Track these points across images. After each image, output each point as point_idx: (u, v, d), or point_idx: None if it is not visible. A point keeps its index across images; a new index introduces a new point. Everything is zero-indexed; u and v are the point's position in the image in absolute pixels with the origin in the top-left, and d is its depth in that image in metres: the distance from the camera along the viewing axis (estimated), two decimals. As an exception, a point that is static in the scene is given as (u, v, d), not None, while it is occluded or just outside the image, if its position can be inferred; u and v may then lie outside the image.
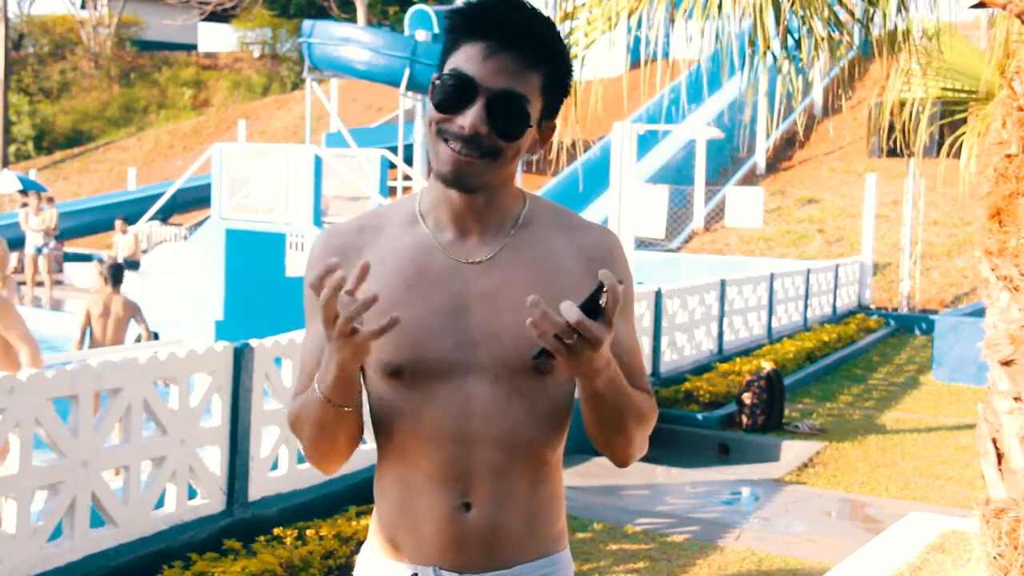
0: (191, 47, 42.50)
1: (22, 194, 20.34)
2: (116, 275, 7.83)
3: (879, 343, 12.93)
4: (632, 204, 9.98)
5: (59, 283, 18.36)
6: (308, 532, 4.70)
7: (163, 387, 4.63)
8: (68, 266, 19.35)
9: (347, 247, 1.69)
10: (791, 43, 4.80)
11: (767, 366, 8.39)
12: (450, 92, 1.58)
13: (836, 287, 13.80)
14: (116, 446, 4.33)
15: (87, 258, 20.34)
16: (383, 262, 1.66)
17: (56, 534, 4.05)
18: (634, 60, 10.29)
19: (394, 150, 20.55)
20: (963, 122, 5.68)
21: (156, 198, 18.70)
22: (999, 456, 3.37)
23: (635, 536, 5.52)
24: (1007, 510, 3.32)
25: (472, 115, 1.56)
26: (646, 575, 4.98)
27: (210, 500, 4.66)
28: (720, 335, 9.98)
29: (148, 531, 4.36)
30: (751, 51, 4.72)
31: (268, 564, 4.29)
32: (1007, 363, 3.36)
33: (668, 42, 5.38)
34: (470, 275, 1.65)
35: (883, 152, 7.00)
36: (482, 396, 1.63)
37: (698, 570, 5.06)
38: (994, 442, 3.38)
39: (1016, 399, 3.33)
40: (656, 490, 6.57)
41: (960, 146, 5.59)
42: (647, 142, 19.75)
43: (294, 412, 1.67)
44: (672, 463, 7.10)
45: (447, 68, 1.60)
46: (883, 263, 16.42)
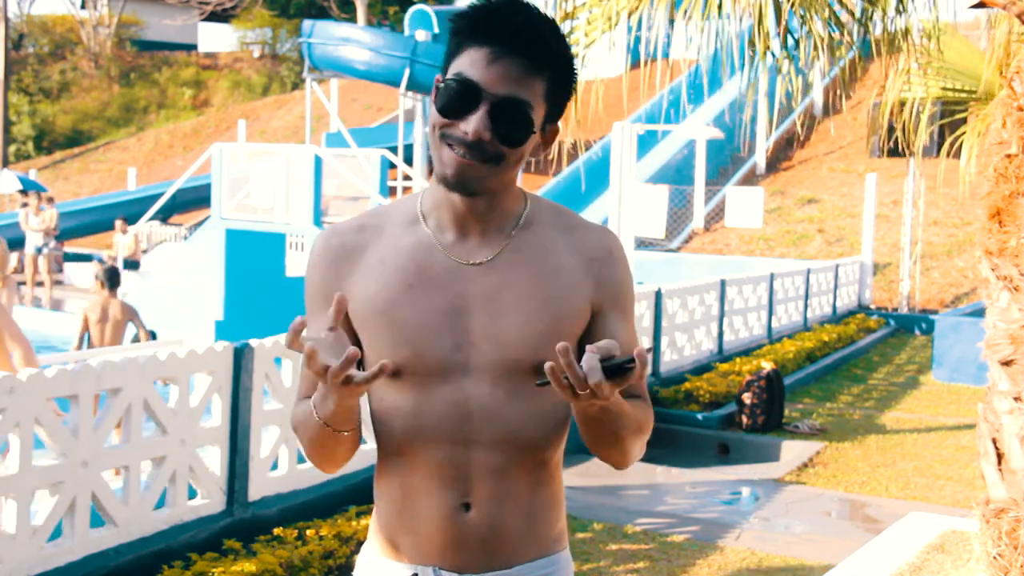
0: (191, 47, 42.50)
1: (22, 194, 20.33)
2: (112, 279, 7.83)
3: (879, 343, 12.93)
4: (632, 204, 9.99)
5: (59, 283, 18.36)
6: (308, 532, 4.70)
7: (163, 387, 4.63)
8: (68, 266, 19.36)
9: (347, 246, 1.69)
10: (791, 43, 4.80)
11: (767, 366, 8.39)
12: (453, 97, 1.57)
13: (836, 287, 13.80)
14: (116, 446, 4.33)
15: (87, 258, 20.35)
16: (384, 262, 1.66)
17: (56, 534, 4.05)
18: (634, 60, 10.28)
19: (394, 150, 20.55)
20: (963, 122, 5.67)
21: (156, 198, 18.69)
22: (999, 456, 3.37)
23: (635, 536, 5.52)
24: (1007, 510, 3.32)
25: (475, 121, 1.56)
26: (646, 575, 4.98)
27: (210, 500, 4.66)
28: (720, 335, 9.98)
29: (148, 531, 4.36)
30: (751, 51, 4.72)
31: (268, 564, 4.29)
32: (1007, 363, 3.36)
33: (668, 42, 5.37)
34: (470, 276, 1.64)
35: (883, 152, 6.98)
36: (482, 397, 1.63)
37: (698, 570, 5.06)
38: (994, 442, 3.38)
39: (1016, 399, 3.33)
40: (656, 490, 6.57)
41: (960, 146, 5.59)
42: (647, 142, 19.75)
43: (295, 419, 1.67)
44: (672, 463, 7.10)
45: (451, 72, 1.59)
46: (883, 263, 16.42)
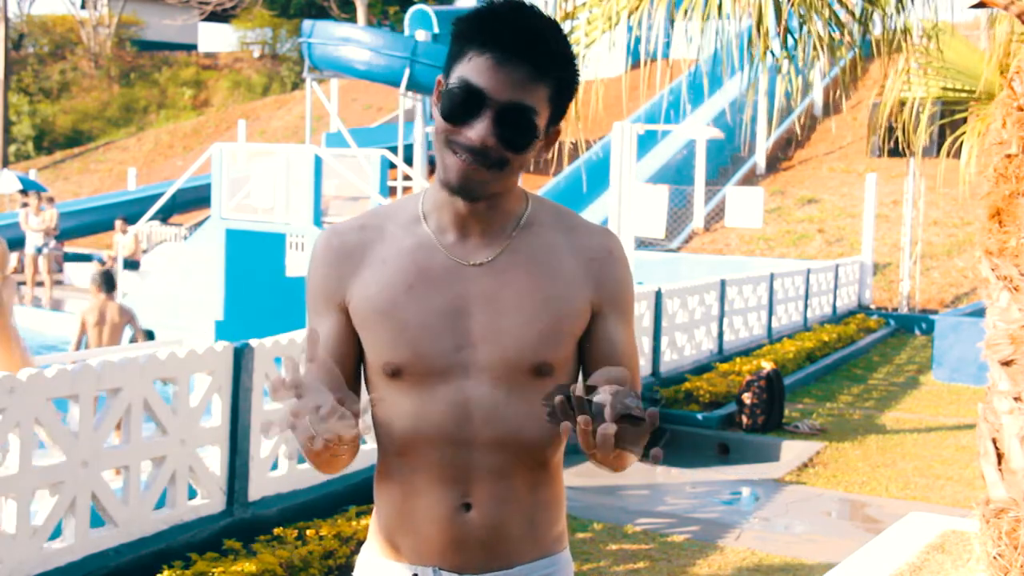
0: (191, 47, 42.49)
1: (22, 194, 20.32)
2: (108, 282, 7.84)
3: (879, 343, 12.92)
4: (632, 204, 9.99)
5: (59, 283, 18.36)
6: (308, 532, 4.70)
7: (162, 386, 4.63)
8: (68, 266, 19.36)
9: (349, 246, 1.69)
10: (791, 43, 4.80)
11: (767, 366, 8.39)
12: (458, 103, 1.56)
13: (836, 287, 13.79)
14: (116, 446, 4.33)
15: (87, 258, 20.35)
16: (385, 262, 1.66)
17: (56, 534, 4.05)
18: (634, 60, 10.28)
19: (394, 150, 20.54)
20: (963, 122, 5.67)
21: (156, 198, 18.68)
22: (999, 456, 3.37)
23: (635, 536, 5.52)
24: (1007, 510, 3.32)
25: (480, 127, 1.55)
26: (646, 575, 4.98)
27: (210, 500, 4.66)
28: (720, 335, 9.97)
29: (148, 531, 4.36)
30: (751, 51, 4.72)
31: (268, 564, 4.29)
32: (1007, 363, 3.36)
33: (668, 42, 5.38)
34: (471, 277, 1.64)
35: (883, 152, 6.98)
36: (482, 397, 1.63)
37: (698, 570, 5.06)
38: (994, 442, 3.38)
39: (1016, 399, 3.33)
40: (656, 490, 6.57)
41: (960, 146, 5.59)
42: (647, 142, 19.74)
43: None
44: (672, 463, 7.10)
45: (454, 77, 1.58)
46: (883, 263, 16.42)
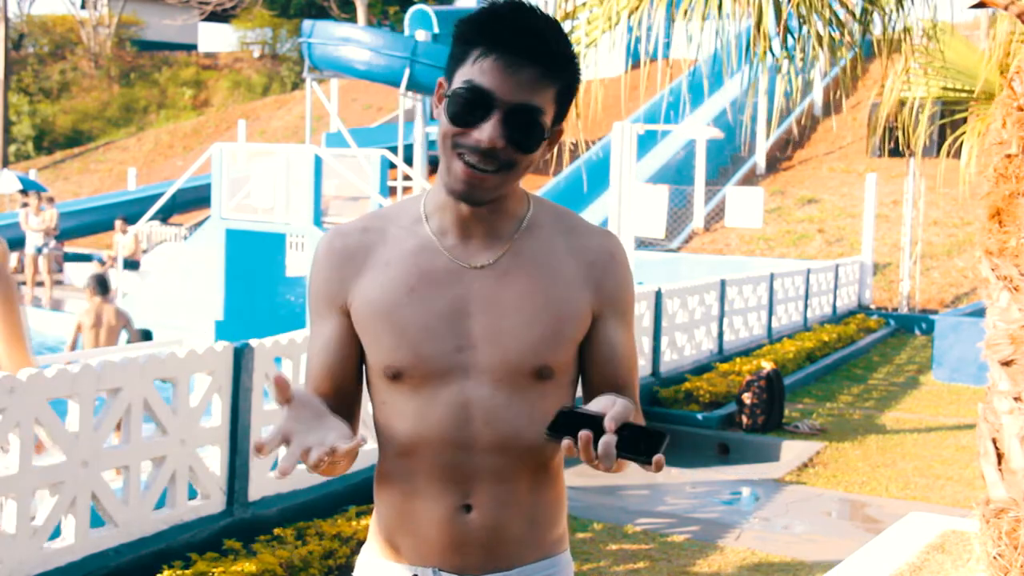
0: (191, 47, 42.49)
1: (22, 194, 20.31)
2: (102, 285, 7.86)
3: (879, 343, 12.93)
4: (632, 204, 9.99)
5: (59, 283, 18.36)
6: (308, 532, 4.70)
7: (162, 384, 4.63)
8: (68, 266, 19.35)
9: (351, 248, 1.69)
10: (791, 43, 4.80)
11: (767, 366, 8.39)
12: (465, 105, 1.56)
13: (836, 287, 13.79)
14: (116, 446, 4.33)
15: (87, 258, 20.34)
16: (388, 264, 1.66)
17: (56, 534, 4.05)
18: (634, 60, 10.28)
19: (394, 150, 20.55)
20: (963, 122, 5.67)
21: (156, 198, 18.69)
22: (999, 456, 3.37)
23: (635, 536, 5.52)
24: (1007, 510, 3.32)
25: (489, 129, 1.55)
26: (646, 575, 4.98)
27: (210, 500, 4.66)
28: (720, 335, 9.97)
29: (148, 531, 4.36)
30: (751, 51, 4.72)
31: (268, 564, 4.29)
32: (1007, 363, 3.36)
33: (668, 42, 5.37)
34: (472, 279, 1.64)
35: (883, 152, 6.98)
36: (483, 399, 1.63)
37: (698, 570, 5.06)
38: (994, 442, 3.38)
39: (1016, 399, 3.33)
40: (656, 490, 6.57)
41: (960, 146, 5.59)
42: (647, 142, 19.74)
43: None
44: (672, 463, 7.09)
45: (461, 80, 1.57)
46: (883, 263, 16.42)
